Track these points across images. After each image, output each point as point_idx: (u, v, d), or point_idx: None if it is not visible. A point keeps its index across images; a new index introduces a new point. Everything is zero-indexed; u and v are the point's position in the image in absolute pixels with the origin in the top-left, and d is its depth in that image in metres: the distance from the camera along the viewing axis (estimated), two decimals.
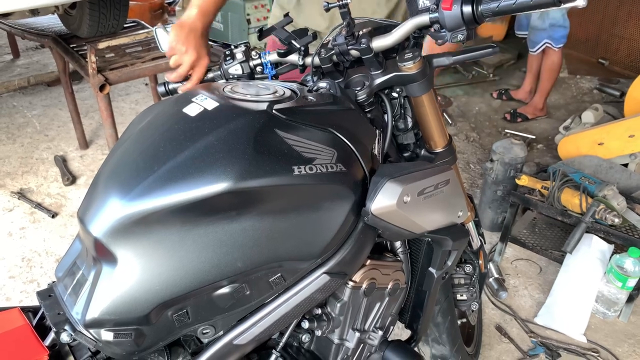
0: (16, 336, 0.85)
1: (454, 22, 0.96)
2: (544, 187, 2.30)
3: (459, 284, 1.54)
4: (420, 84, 1.09)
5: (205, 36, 1.31)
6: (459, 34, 0.98)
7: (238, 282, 0.90)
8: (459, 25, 0.96)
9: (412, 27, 1.03)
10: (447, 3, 0.96)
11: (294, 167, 0.88)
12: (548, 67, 3.64)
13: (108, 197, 0.86)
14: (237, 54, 1.22)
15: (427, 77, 1.09)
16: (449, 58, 1.07)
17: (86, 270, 0.89)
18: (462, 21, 0.96)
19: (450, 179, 1.10)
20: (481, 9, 0.94)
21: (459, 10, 0.95)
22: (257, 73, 1.24)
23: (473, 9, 0.94)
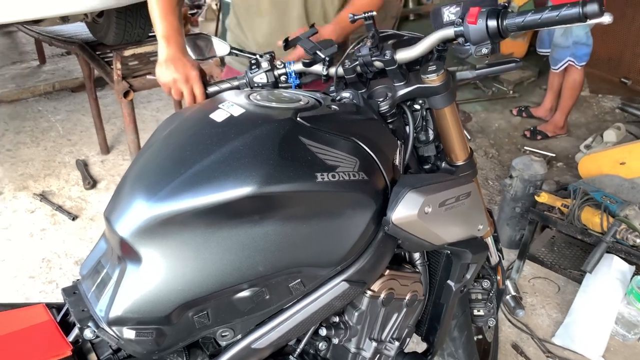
0: (41, 331, 0.87)
1: (478, 35, 0.97)
2: (564, 205, 2.27)
3: (476, 299, 1.52)
4: (443, 97, 1.10)
5: (183, 53, 1.31)
6: (483, 47, 0.99)
7: (258, 286, 0.91)
8: (483, 39, 0.97)
9: (437, 40, 1.04)
10: (472, 17, 0.97)
11: (316, 174, 0.89)
12: (570, 85, 3.61)
13: (135, 198, 0.88)
14: (262, 62, 1.24)
15: (450, 89, 1.09)
16: (472, 72, 1.08)
17: (111, 268, 0.90)
18: (486, 35, 0.96)
19: (472, 192, 1.10)
20: (506, 23, 0.95)
21: (484, 24, 0.95)
22: (281, 82, 1.26)
23: (498, 23, 0.95)
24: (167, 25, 1.32)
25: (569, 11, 0.88)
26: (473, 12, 0.97)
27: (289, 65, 1.25)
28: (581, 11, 0.87)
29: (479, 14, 0.96)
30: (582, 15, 0.87)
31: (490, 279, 1.52)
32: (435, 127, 1.19)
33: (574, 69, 3.55)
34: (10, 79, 4.60)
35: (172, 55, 1.29)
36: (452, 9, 1.04)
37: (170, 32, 1.31)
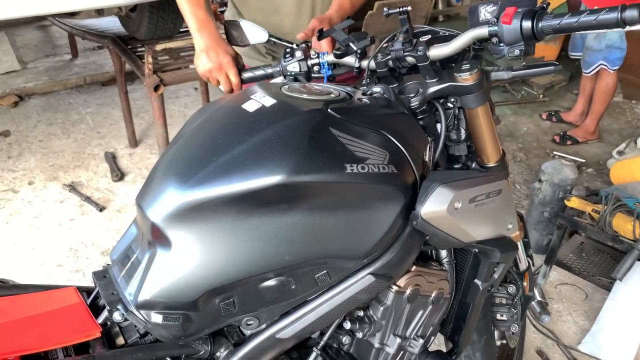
0: (71, 312, 0.88)
1: (512, 36, 0.95)
2: (594, 211, 2.22)
3: (500, 304, 1.49)
4: (476, 96, 1.08)
5: (217, 42, 1.34)
6: (516, 49, 0.96)
7: (284, 276, 0.91)
8: (517, 40, 0.95)
9: (471, 38, 1.03)
10: (507, 17, 0.95)
11: (346, 165, 0.89)
12: (602, 90, 3.53)
13: (166, 185, 0.89)
14: (296, 52, 1.25)
15: (484, 89, 1.08)
16: (509, 73, 1.06)
17: (141, 253, 0.91)
18: (520, 36, 0.94)
19: (503, 189, 1.08)
20: (542, 25, 0.92)
21: (519, 25, 0.93)
22: (314, 72, 1.26)
23: (533, 25, 0.93)
24: (197, 20, 1.36)
25: (606, 16, 0.86)
26: (509, 12, 0.95)
27: (322, 56, 1.25)
28: (620, 16, 0.84)
29: (515, 14, 0.94)
30: (620, 21, 0.85)
31: (516, 284, 1.48)
32: (467, 126, 1.18)
33: (607, 73, 3.47)
34: (44, 71, 4.71)
35: (205, 45, 1.32)
36: (489, 7, 1.02)
37: (201, 25, 1.35)
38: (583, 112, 3.86)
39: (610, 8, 0.85)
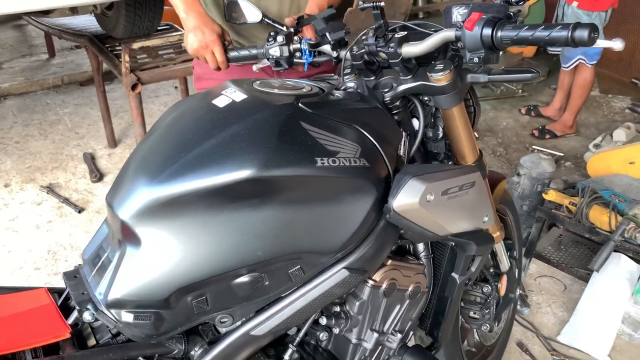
0: (41, 313, 0.87)
1: (473, 43, 0.94)
2: (571, 203, 2.25)
3: (474, 301, 1.50)
4: (449, 97, 1.07)
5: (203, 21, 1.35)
6: (475, 56, 0.96)
7: (257, 272, 0.91)
8: (477, 47, 0.95)
9: (439, 40, 1.02)
10: (470, 22, 0.94)
11: (316, 159, 0.89)
12: (580, 84, 3.58)
13: (136, 182, 0.88)
14: (278, 36, 1.24)
15: (458, 90, 1.07)
16: (485, 76, 1.04)
17: (111, 252, 0.90)
18: (480, 43, 0.94)
19: (477, 182, 1.09)
20: (501, 34, 0.92)
21: (479, 32, 0.93)
22: (296, 58, 1.25)
23: (492, 33, 0.92)
24: (184, 1, 1.38)
25: (558, 33, 0.86)
26: (473, 18, 0.94)
27: (304, 42, 1.24)
28: (569, 35, 0.84)
29: (478, 21, 0.93)
30: (570, 39, 0.85)
31: (491, 285, 1.49)
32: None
33: (585, 67, 3.52)
34: (20, 72, 4.63)
35: (192, 24, 1.35)
36: (461, 9, 1.01)
37: (188, 6, 1.37)
38: (561, 107, 3.90)
39: (564, 25, 0.85)
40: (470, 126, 1.19)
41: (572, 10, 3.41)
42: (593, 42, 0.84)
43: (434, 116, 1.18)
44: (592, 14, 3.34)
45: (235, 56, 1.34)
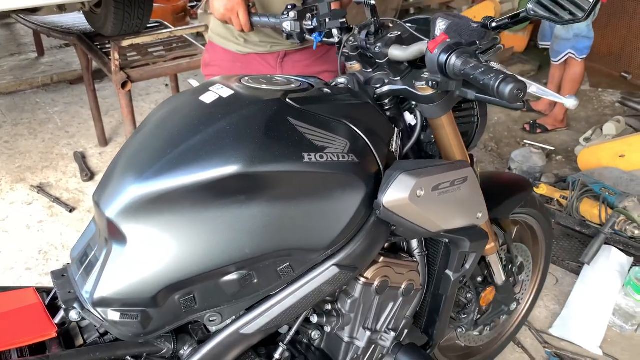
0: (29, 313, 0.86)
1: (431, 65, 0.93)
2: (562, 197, 2.26)
3: (456, 302, 1.45)
4: (434, 107, 1.06)
5: None
6: (431, 79, 0.95)
7: (246, 269, 0.90)
8: (434, 71, 0.93)
9: (417, 52, 1.00)
10: (433, 44, 0.92)
11: (304, 154, 0.88)
12: (570, 78, 3.59)
13: (122, 179, 0.87)
14: (291, 12, 1.24)
15: (444, 101, 1.05)
16: (473, 93, 1.01)
17: (98, 251, 0.90)
18: (436, 68, 0.92)
19: (469, 177, 1.08)
20: (453, 63, 0.89)
21: (437, 57, 0.91)
22: (306, 34, 1.25)
23: (446, 61, 0.90)
24: None
25: (488, 81, 0.83)
26: (437, 39, 0.92)
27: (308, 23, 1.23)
28: (496, 86, 0.82)
29: (440, 44, 0.91)
30: (495, 90, 0.82)
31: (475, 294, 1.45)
32: None
33: (575, 61, 3.53)
34: (8, 70, 4.58)
35: None
36: (442, 24, 1.00)
37: None
38: (552, 101, 3.91)
39: (497, 74, 0.83)
40: (459, 136, 1.17)
41: None
42: (516, 99, 0.82)
43: (427, 119, 1.17)
44: None
45: (257, 21, 1.37)
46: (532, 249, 1.74)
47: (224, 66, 1.62)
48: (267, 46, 1.59)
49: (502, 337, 1.89)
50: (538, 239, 1.75)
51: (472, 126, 1.26)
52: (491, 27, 0.98)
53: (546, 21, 3.52)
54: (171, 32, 3.09)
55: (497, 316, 1.59)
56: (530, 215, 1.64)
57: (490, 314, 1.54)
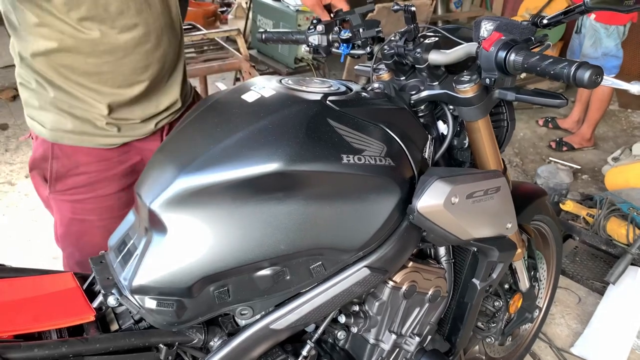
0: (67, 296, 0.88)
1: (487, 63, 0.94)
2: (589, 215, 2.24)
3: (482, 312, 1.48)
4: (473, 109, 1.06)
5: None
6: (488, 76, 0.96)
7: (279, 265, 0.92)
8: (491, 68, 0.94)
9: (464, 53, 1.02)
10: (487, 42, 0.93)
11: (342, 156, 0.90)
12: (598, 97, 3.56)
13: (164, 172, 0.89)
14: (319, 25, 1.26)
15: (483, 103, 1.05)
16: (513, 94, 1.02)
17: (137, 239, 0.92)
18: (494, 65, 0.93)
19: (502, 187, 1.08)
20: (513, 59, 0.91)
21: (494, 54, 0.92)
22: (334, 47, 1.27)
23: (506, 57, 0.91)
24: None
25: (563, 70, 0.85)
26: (492, 38, 0.94)
27: (342, 34, 1.25)
28: (572, 73, 0.83)
29: (495, 42, 0.93)
30: (571, 78, 0.83)
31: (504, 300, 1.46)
32: None
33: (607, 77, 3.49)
34: None
35: None
36: (488, 25, 1.01)
37: None
38: (579, 119, 3.88)
39: (569, 62, 0.84)
40: (494, 140, 1.18)
41: (590, 23, 3.39)
42: (594, 84, 0.83)
43: (460, 125, 1.17)
44: (609, 28, 3.31)
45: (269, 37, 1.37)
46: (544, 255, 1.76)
47: (93, 171, 1.21)
48: (152, 124, 1.24)
49: (520, 349, 1.88)
50: (549, 245, 1.77)
51: (502, 130, 1.26)
52: (542, 24, 0.99)
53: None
54: (204, 34, 3.14)
55: (522, 323, 1.59)
56: (543, 222, 1.67)
57: (515, 321, 1.54)
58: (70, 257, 1.32)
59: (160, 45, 1.17)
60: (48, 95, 1.13)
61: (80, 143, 1.18)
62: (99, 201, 1.23)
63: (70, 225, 1.26)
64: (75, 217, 1.24)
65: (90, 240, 1.25)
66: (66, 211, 1.25)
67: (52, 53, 1.08)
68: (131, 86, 1.16)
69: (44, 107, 1.15)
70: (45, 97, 1.14)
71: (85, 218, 1.24)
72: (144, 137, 1.24)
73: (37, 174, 1.25)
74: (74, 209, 1.24)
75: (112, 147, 1.21)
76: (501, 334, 1.50)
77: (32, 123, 1.19)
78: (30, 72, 1.14)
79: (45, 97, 1.14)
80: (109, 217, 1.23)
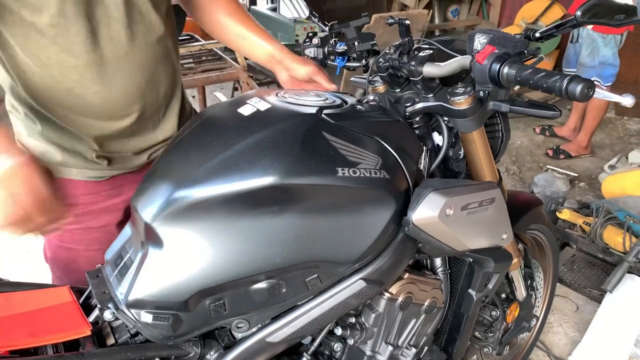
0: (63, 310, 0.89)
1: (480, 75, 0.96)
2: (585, 223, 2.25)
3: (480, 322, 1.49)
4: (468, 121, 1.07)
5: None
6: (482, 89, 0.97)
7: (275, 279, 0.92)
8: (485, 81, 0.96)
9: (457, 66, 1.03)
10: (481, 55, 0.94)
11: (337, 169, 0.90)
12: (595, 106, 3.57)
13: (161, 185, 0.90)
14: (315, 38, 1.27)
15: (478, 115, 1.06)
16: (507, 106, 1.02)
17: (133, 253, 0.92)
18: (487, 78, 0.94)
19: (496, 198, 1.09)
20: (506, 72, 0.92)
21: (488, 67, 0.93)
22: (330, 60, 1.28)
23: (499, 70, 0.92)
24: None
25: (555, 83, 0.86)
26: (485, 51, 0.95)
27: (338, 47, 1.26)
28: (564, 87, 0.85)
29: (489, 55, 0.94)
30: (563, 92, 0.85)
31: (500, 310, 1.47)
32: None
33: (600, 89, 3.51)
34: None
35: None
36: (482, 38, 1.02)
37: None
38: (576, 127, 3.90)
39: (562, 76, 0.85)
40: (489, 151, 1.19)
41: (587, 33, 3.41)
42: (586, 98, 0.84)
43: (455, 136, 1.18)
44: (607, 37, 3.34)
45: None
46: (541, 264, 1.77)
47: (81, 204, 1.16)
48: (145, 156, 1.19)
49: (517, 358, 1.88)
50: (546, 254, 1.77)
51: (496, 141, 1.27)
52: (534, 37, 1.00)
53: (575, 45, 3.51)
54: (202, 45, 3.16)
55: (519, 333, 1.59)
56: (540, 231, 1.67)
57: (513, 331, 1.55)
58: (58, 279, 1.32)
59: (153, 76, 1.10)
60: (36, 127, 1.08)
61: (69, 175, 1.13)
62: (86, 232, 1.19)
63: (57, 251, 1.24)
64: (62, 245, 1.22)
65: (77, 267, 1.20)
66: (53, 237, 1.23)
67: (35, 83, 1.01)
68: (121, 118, 1.10)
69: (32, 136, 1.10)
70: (34, 128, 1.09)
71: (72, 247, 1.21)
72: (137, 169, 1.19)
73: None
74: (61, 237, 1.21)
75: (101, 179, 1.16)
76: (499, 343, 1.50)
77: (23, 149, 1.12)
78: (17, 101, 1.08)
79: (34, 128, 1.09)
80: (96, 249, 1.18)
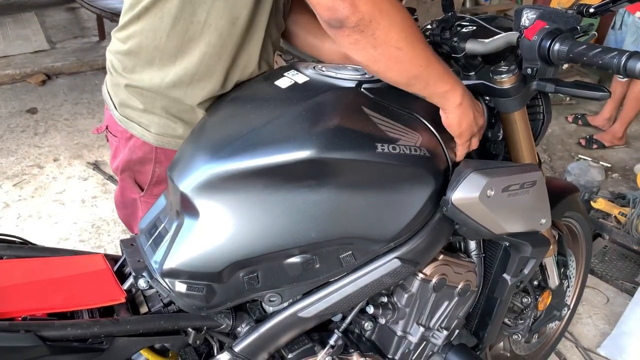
0: (98, 277, 0.89)
1: (529, 52, 0.91)
2: (621, 214, 2.18)
3: (510, 309, 1.45)
4: (510, 101, 1.04)
5: None
6: (530, 67, 0.93)
7: (309, 254, 0.91)
8: (533, 58, 0.91)
9: (503, 42, 0.99)
10: (530, 31, 0.90)
11: (377, 144, 0.88)
12: (634, 96, 3.46)
13: (197, 156, 0.89)
14: None
15: (521, 95, 1.03)
16: (552, 86, 0.99)
17: (168, 223, 0.92)
18: (536, 54, 0.90)
19: (538, 181, 1.06)
20: (557, 49, 0.88)
21: (537, 43, 0.89)
22: None
23: (549, 46, 0.88)
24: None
25: (613, 59, 0.82)
26: (535, 26, 0.91)
27: None
28: (622, 63, 0.80)
29: (539, 31, 0.90)
30: (622, 68, 0.81)
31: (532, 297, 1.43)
32: None
33: None
34: (72, 52, 4.76)
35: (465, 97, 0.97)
36: (530, 13, 0.98)
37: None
38: (611, 117, 3.78)
39: (620, 52, 0.82)
40: (531, 133, 1.15)
41: (634, 20, 3.29)
42: None
43: (495, 116, 1.15)
44: None
45: None
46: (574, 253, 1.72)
47: None
48: None
49: (545, 347, 1.85)
50: (579, 243, 1.73)
51: (537, 123, 1.23)
52: (587, 13, 0.96)
53: None
54: None
55: (549, 321, 1.56)
56: (574, 219, 1.63)
57: (543, 319, 1.52)
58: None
59: None
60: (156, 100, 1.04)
61: (173, 146, 1.07)
62: None
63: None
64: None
65: None
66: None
67: None
68: None
69: (150, 110, 1.06)
70: (153, 101, 1.05)
71: None
72: None
73: (129, 176, 1.17)
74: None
75: None
76: (528, 331, 1.47)
77: (131, 125, 1.09)
78: None
79: (153, 101, 1.05)
80: None
